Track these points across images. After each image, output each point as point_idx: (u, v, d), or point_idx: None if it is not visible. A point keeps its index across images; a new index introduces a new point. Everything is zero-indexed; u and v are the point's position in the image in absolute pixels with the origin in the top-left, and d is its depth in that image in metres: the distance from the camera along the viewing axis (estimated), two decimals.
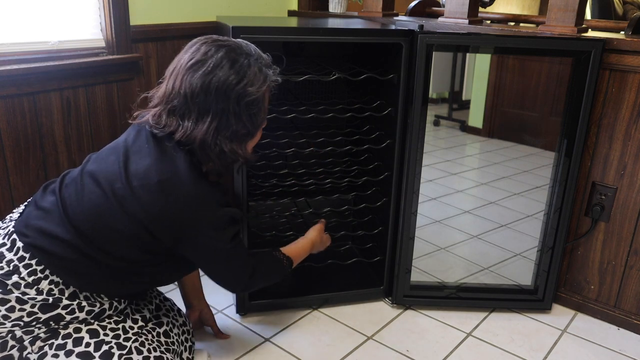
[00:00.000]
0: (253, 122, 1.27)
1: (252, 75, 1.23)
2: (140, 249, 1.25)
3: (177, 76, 1.22)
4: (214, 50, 1.22)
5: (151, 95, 1.32)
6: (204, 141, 1.22)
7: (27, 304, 1.19)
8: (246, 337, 1.73)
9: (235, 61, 1.22)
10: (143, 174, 1.21)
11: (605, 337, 1.79)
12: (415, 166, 1.73)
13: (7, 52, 1.66)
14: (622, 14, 3.84)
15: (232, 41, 1.26)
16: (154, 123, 1.24)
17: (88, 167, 1.28)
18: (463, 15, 1.89)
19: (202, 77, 1.19)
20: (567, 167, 1.72)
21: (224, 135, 1.24)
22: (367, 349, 1.69)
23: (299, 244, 1.64)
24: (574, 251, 1.89)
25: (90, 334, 1.24)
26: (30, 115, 1.71)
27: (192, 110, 1.22)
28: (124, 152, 1.26)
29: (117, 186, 1.21)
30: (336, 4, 2.49)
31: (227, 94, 1.21)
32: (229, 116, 1.23)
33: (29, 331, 1.21)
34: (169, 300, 1.54)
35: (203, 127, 1.21)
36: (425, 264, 2.02)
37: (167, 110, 1.24)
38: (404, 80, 1.68)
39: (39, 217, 1.25)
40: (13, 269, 1.19)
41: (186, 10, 2.13)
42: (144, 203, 1.20)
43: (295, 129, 1.97)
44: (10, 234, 1.24)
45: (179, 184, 1.21)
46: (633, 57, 1.61)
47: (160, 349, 1.31)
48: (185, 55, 1.24)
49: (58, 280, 1.21)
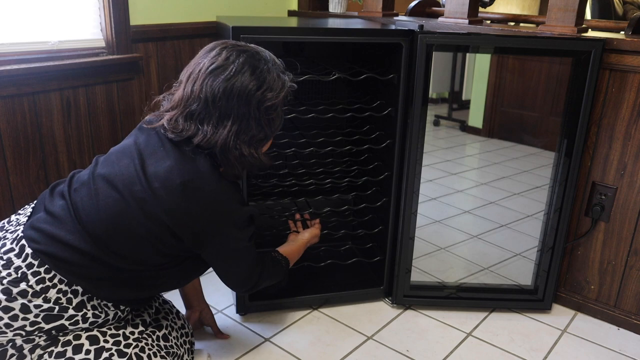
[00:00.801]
0: (270, 127, 1.29)
1: (272, 81, 1.24)
2: (160, 251, 1.25)
3: (197, 80, 1.22)
4: (235, 56, 1.22)
5: (162, 99, 1.31)
6: (225, 145, 1.23)
7: (31, 314, 1.16)
8: (246, 337, 1.73)
9: (256, 67, 1.23)
10: (164, 175, 1.20)
11: (605, 337, 1.79)
12: (415, 166, 1.73)
13: (7, 52, 1.66)
14: (622, 14, 3.84)
15: (251, 47, 1.27)
16: (171, 127, 1.23)
17: (99, 170, 1.27)
18: (463, 15, 1.89)
19: (224, 82, 1.20)
20: (567, 167, 1.72)
21: (242, 139, 1.24)
22: (367, 349, 1.69)
23: (294, 245, 1.65)
24: (574, 251, 1.89)
25: (90, 340, 1.23)
26: (30, 115, 1.71)
27: (213, 115, 1.22)
28: (137, 154, 1.25)
29: (136, 189, 1.21)
30: (336, 4, 2.49)
31: (248, 99, 1.21)
32: (249, 121, 1.23)
33: (29, 340, 1.20)
34: (167, 303, 1.54)
35: (224, 132, 1.22)
36: (425, 264, 2.02)
37: (184, 114, 1.23)
38: (404, 80, 1.68)
39: (48, 222, 1.23)
40: (21, 276, 1.17)
41: (186, 10, 2.13)
42: (167, 204, 1.20)
43: (295, 129, 1.97)
44: (19, 240, 1.21)
45: (202, 184, 1.21)
46: (633, 57, 1.61)
47: (161, 354, 1.31)
48: (204, 60, 1.23)
49: (66, 289, 1.20)
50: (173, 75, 2.13)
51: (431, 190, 2.14)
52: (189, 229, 1.23)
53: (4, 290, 1.15)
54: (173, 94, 1.29)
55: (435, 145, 2.17)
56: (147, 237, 1.22)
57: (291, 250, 1.61)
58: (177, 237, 1.24)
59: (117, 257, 1.22)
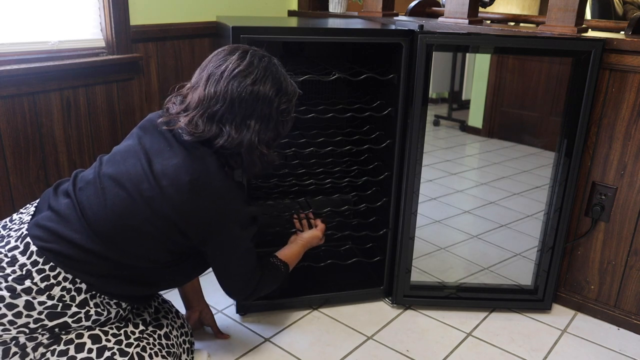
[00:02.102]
0: (284, 128, 1.36)
1: (287, 86, 1.32)
2: (167, 249, 1.28)
3: (219, 82, 1.24)
4: (258, 61, 1.28)
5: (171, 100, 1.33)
6: (251, 145, 1.27)
7: (34, 311, 1.18)
8: (246, 337, 1.74)
9: (275, 73, 1.29)
10: (172, 173, 1.23)
11: (605, 337, 1.79)
12: (415, 166, 1.73)
13: (7, 52, 1.66)
14: (622, 14, 3.84)
15: (266, 53, 1.32)
16: (191, 129, 1.25)
17: (105, 170, 1.29)
18: (463, 15, 1.89)
19: (251, 85, 1.25)
20: (567, 167, 1.72)
21: (263, 139, 1.30)
22: (367, 349, 1.69)
23: (293, 248, 1.65)
24: (574, 251, 1.89)
25: (93, 339, 1.24)
26: (30, 115, 1.71)
27: (236, 116, 1.25)
28: (144, 154, 1.27)
29: (144, 187, 1.23)
30: (336, 4, 2.49)
31: (270, 102, 1.28)
32: (269, 122, 1.29)
33: (32, 338, 1.21)
34: (167, 302, 1.55)
35: (248, 133, 1.27)
36: (425, 264, 2.02)
37: (205, 115, 1.25)
38: (404, 80, 1.68)
39: (53, 220, 1.24)
40: (26, 273, 1.18)
41: (186, 10, 2.13)
42: (175, 201, 1.23)
43: (295, 129, 1.97)
44: (24, 237, 1.23)
45: (209, 182, 1.24)
46: (633, 57, 1.61)
47: (162, 353, 1.32)
48: (227, 63, 1.26)
49: (70, 286, 1.21)
50: (173, 75, 2.13)
51: (431, 190, 2.14)
52: (195, 225, 1.26)
53: (8, 287, 1.16)
54: (184, 95, 1.31)
55: (435, 145, 2.17)
56: (155, 234, 1.25)
57: (290, 254, 1.62)
58: (184, 234, 1.27)
59: (123, 255, 1.25)
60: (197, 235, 1.28)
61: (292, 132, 1.95)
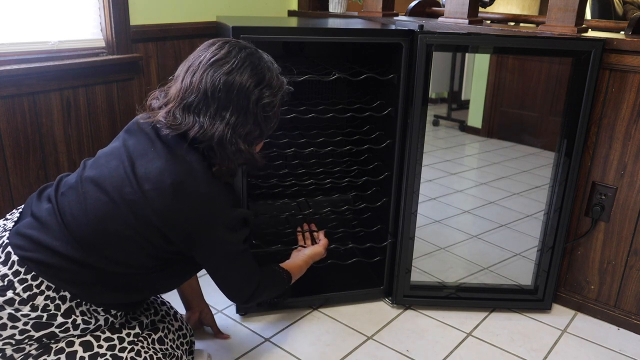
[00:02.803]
0: (266, 125, 1.28)
1: (271, 79, 1.25)
2: (150, 254, 1.23)
3: (196, 72, 1.20)
4: (237, 51, 1.22)
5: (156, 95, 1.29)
6: (222, 138, 1.20)
7: (19, 322, 1.14)
8: (246, 337, 1.73)
9: (256, 64, 1.23)
10: (155, 177, 1.18)
11: (605, 337, 1.79)
12: (415, 166, 1.73)
13: (7, 52, 1.66)
14: (622, 14, 3.84)
15: (251, 45, 1.28)
16: (169, 122, 1.20)
17: (87, 173, 1.24)
18: (463, 15, 1.89)
19: (225, 74, 1.19)
20: (567, 167, 1.72)
21: (239, 133, 1.22)
22: (367, 349, 1.70)
23: (296, 261, 1.62)
24: (574, 251, 1.89)
25: (84, 347, 1.20)
26: (30, 115, 1.71)
27: (211, 106, 1.19)
28: (127, 156, 1.22)
29: (126, 191, 1.18)
30: (336, 4, 2.49)
31: (247, 94, 1.20)
32: (247, 116, 1.22)
33: (20, 349, 1.17)
34: (165, 305, 1.51)
35: (221, 124, 1.20)
36: (425, 264, 2.02)
37: (181, 106, 1.20)
38: (404, 80, 1.68)
39: (34, 227, 1.20)
40: (8, 284, 1.14)
41: (186, 10, 2.13)
42: (158, 206, 1.17)
43: (295, 129, 1.97)
44: (5, 247, 1.18)
45: (193, 185, 1.19)
46: (633, 57, 1.61)
47: (157, 356, 1.28)
48: (205, 54, 1.22)
49: (54, 295, 1.17)
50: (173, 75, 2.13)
51: (431, 190, 2.14)
52: (180, 230, 1.21)
53: None
54: (167, 90, 1.27)
55: (434, 145, 2.17)
56: (137, 239, 1.19)
57: (293, 266, 1.58)
58: (168, 240, 1.21)
59: (105, 261, 1.20)
60: (183, 240, 1.22)
61: (292, 132, 1.95)
